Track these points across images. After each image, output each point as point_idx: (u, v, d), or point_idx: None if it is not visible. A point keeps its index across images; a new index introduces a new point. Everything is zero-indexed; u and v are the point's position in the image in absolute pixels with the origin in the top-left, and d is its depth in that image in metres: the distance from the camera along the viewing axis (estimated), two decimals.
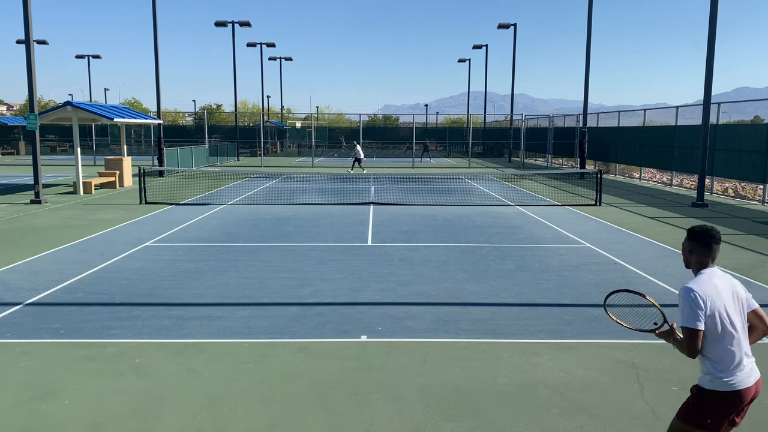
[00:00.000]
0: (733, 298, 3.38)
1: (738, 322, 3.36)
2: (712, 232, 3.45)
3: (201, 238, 12.14)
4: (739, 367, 3.34)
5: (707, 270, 3.46)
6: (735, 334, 3.33)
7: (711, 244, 3.45)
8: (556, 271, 9.57)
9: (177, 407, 4.95)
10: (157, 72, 27.88)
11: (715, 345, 3.34)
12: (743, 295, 3.44)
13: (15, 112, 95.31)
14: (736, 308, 3.37)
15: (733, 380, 3.34)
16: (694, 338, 3.33)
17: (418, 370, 5.70)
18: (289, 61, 62.29)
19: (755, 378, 3.38)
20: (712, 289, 3.37)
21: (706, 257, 3.47)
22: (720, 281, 3.41)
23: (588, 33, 27.12)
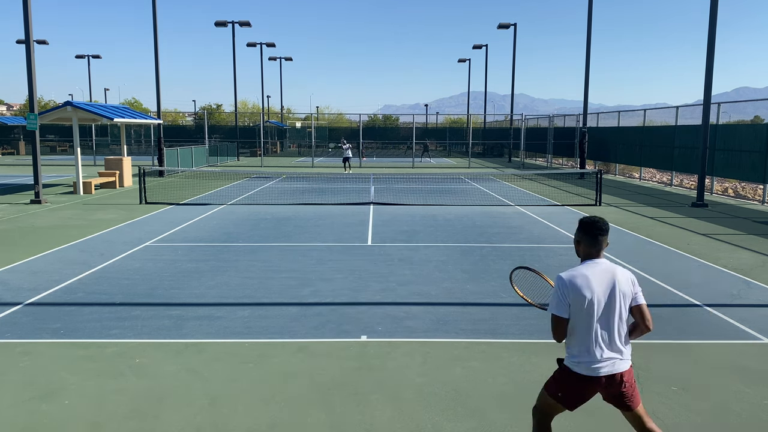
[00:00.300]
0: (611, 290, 3.46)
1: (609, 313, 3.46)
2: (598, 224, 3.55)
3: (201, 238, 12.14)
4: (600, 355, 3.46)
5: (590, 261, 3.57)
6: (602, 324, 3.45)
7: (597, 236, 3.55)
8: (556, 271, 9.55)
9: (177, 407, 4.95)
10: (157, 72, 27.88)
11: (579, 331, 3.47)
12: (627, 290, 3.51)
13: (15, 112, 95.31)
14: (612, 301, 3.45)
15: (590, 365, 3.47)
16: (558, 324, 3.50)
17: (418, 370, 5.70)
18: (289, 61, 62.31)
19: (616, 370, 3.49)
20: (584, 279, 3.48)
21: (591, 248, 3.58)
22: (599, 273, 3.50)
23: (588, 33, 27.12)
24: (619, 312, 3.49)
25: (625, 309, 3.52)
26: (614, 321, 3.48)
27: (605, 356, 3.48)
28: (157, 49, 27.71)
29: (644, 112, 27.94)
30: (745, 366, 5.84)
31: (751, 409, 4.99)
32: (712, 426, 4.69)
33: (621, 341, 3.52)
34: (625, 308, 3.52)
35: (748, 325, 7.02)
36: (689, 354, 6.14)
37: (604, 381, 3.51)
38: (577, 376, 3.53)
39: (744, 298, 8.12)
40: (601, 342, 3.47)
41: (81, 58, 57.66)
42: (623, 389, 3.55)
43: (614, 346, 3.50)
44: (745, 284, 8.86)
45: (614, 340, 3.49)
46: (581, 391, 3.58)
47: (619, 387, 3.54)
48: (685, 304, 7.84)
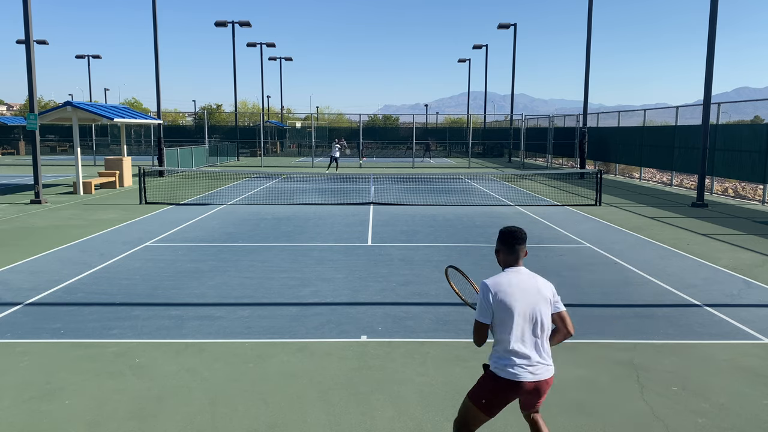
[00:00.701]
0: (534, 297, 3.57)
1: (532, 319, 3.54)
2: (516, 234, 3.68)
3: (201, 238, 12.14)
4: (523, 361, 3.52)
5: (511, 268, 3.68)
6: (524, 330, 3.53)
7: (514, 245, 3.67)
8: (556, 271, 9.57)
9: (177, 407, 4.95)
10: (157, 72, 27.88)
11: (503, 336, 3.54)
12: (548, 297, 3.63)
13: (15, 112, 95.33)
14: (535, 307, 3.55)
15: (512, 370, 3.52)
16: (479, 330, 3.59)
17: (418, 370, 5.70)
18: (289, 61, 62.34)
19: (539, 377, 3.54)
20: (507, 286, 3.56)
21: (510, 256, 3.69)
22: (521, 280, 3.61)
23: (588, 33, 27.12)
24: (541, 318, 3.58)
25: (547, 316, 3.61)
26: (538, 327, 3.56)
27: (531, 362, 3.53)
28: (157, 49, 27.71)
29: (644, 112, 27.94)
30: (745, 366, 5.84)
31: (751, 409, 4.99)
32: (712, 426, 4.69)
33: (544, 347, 3.59)
34: (547, 315, 3.61)
35: (748, 325, 7.03)
36: (689, 354, 6.14)
37: (529, 387, 3.55)
38: (503, 381, 3.55)
39: (744, 298, 8.13)
40: (525, 348, 3.53)
41: (81, 58, 57.69)
42: (543, 394, 3.63)
43: (539, 352, 3.56)
44: (745, 284, 8.86)
45: (538, 346, 3.56)
46: (505, 396, 3.60)
47: (539, 393, 3.61)
48: (685, 304, 7.84)
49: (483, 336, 3.61)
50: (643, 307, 7.76)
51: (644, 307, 7.74)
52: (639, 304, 7.85)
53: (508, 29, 42.36)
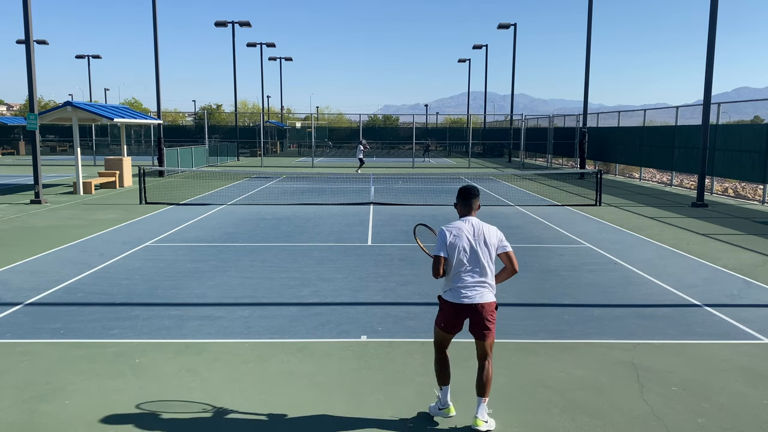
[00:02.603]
0: (479, 239, 4.45)
1: (475, 256, 4.43)
2: (470, 189, 4.66)
3: (201, 238, 12.14)
4: (464, 286, 4.43)
5: (465, 217, 4.59)
6: (463, 264, 4.42)
7: (468, 199, 4.63)
8: (556, 271, 9.57)
9: (177, 407, 4.95)
10: (157, 72, 27.88)
11: (451, 268, 4.46)
12: (494, 240, 4.49)
13: (15, 112, 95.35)
14: (479, 247, 4.43)
15: (458, 296, 4.44)
16: (436, 263, 4.50)
17: (418, 370, 5.69)
18: (289, 61, 62.31)
19: (477, 300, 4.43)
20: (458, 230, 4.47)
21: (465, 208, 4.63)
22: (470, 226, 4.50)
23: (588, 33, 27.12)
24: (484, 256, 4.44)
25: (490, 255, 4.47)
26: (480, 263, 4.43)
27: (470, 289, 4.42)
28: (157, 49, 27.71)
29: (644, 112, 27.94)
30: (745, 366, 5.84)
31: (751, 409, 4.99)
32: (712, 426, 4.69)
33: (486, 279, 4.45)
34: (491, 255, 4.47)
35: (748, 325, 7.03)
36: (689, 354, 6.14)
37: (468, 308, 4.42)
38: (449, 303, 4.49)
39: (744, 298, 8.13)
40: (466, 277, 4.43)
41: (81, 58, 57.68)
42: (483, 318, 4.45)
43: (478, 281, 4.44)
44: (745, 284, 8.86)
45: (478, 276, 4.44)
46: (453, 316, 4.50)
47: (481, 314, 4.44)
48: (685, 304, 7.84)
49: (439, 269, 4.47)
50: (643, 307, 7.76)
51: (644, 307, 7.74)
52: (639, 304, 7.85)
53: (508, 29, 42.36)
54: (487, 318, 4.46)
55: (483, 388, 4.54)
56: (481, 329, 4.49)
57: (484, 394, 4.54)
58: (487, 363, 4.57)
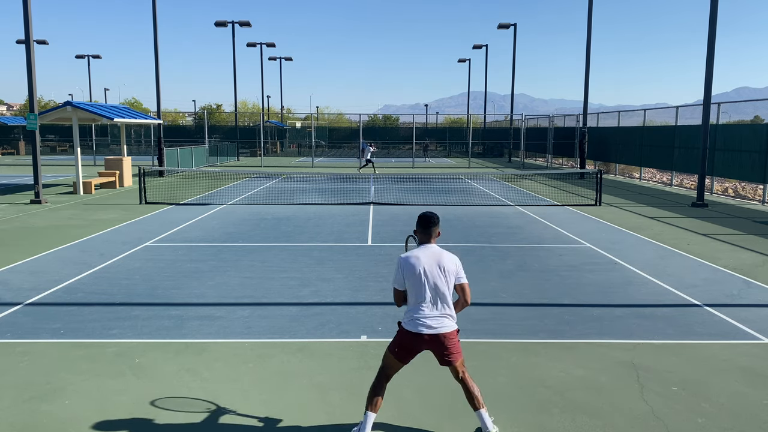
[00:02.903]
0: (437, 268, 4.34)
1: (434, 286, 4.32)
2: (429, 217, 4.52)
3: (201, 238, 12.14)
4: (424, 317, 4.32)
5: (423, 245, 4.48)
6: (422, 294, 4.32)
7: (429, 226, 4.50)
8: (556, 271, 9.57)
9: (177, 407, 4.95)
10: (157, 72, 27.88)
11: (410, 298, 4.40)
12: (451, 269, 4.39)
13: (15, 112, 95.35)
14: (437, 276, 4.33)
15: (415, 324, 4.34)
16: (395, 294, 4.49)
17: (418, 370, 5.69)
18: (289, 61, 62.33)
19: (435, 330, 4.32)
20: (415, 260, 4.37)
21: (424, 236, 4.52)
22: (429, 254, 4.40)
23: (588, 33, 27.13)
24: (442, 285, 4.34)
25: (448, 284, 4.36)
26: (438, 292, 4.33)
27: (429, 319, 4.32)
28: (157, 49, 27.71)
29: (644, 112, 27.93)
30: (745, 366, 5.84)
31: (751, 409, 4.99)
32: (712, 426, 4.69)
33: (445, 308, 4.35)
34: (449, 284, 4.37)
35: (748, 325, 7.03)
36: (689, 354, 6.14)
37: (426, 338, 4.33)
38: (407, 332, 4.38)
39: (744, 298, 8.13)
40: (426, 307, 4.33)
41: (81, 58, 57.70)
42: (445, 347, 4.36)
43: (437, 311, 4.33)
44: (745, 284, 8.86)
45: (437, 307, 4.34)
46: (410, 345, 4.40)
47: (442, 345, 4.36)
48: (685, 304, 7.84)
49: (399, 299, 4.48)
50: (643, 307, 7.76)
51: (644, 307, 7.74)
52: (639, 304, 7.85)
53: (508, 29, 42.37)
54: (449, 346, 4.37)
55: (475, 402, 4.48)
56: (446, 358, 4.41)
57: (479, 406, 4.48)
58: (467, 379, 4.50)
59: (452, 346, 4.38)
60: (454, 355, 4.41)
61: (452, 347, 4.39)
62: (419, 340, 4.34)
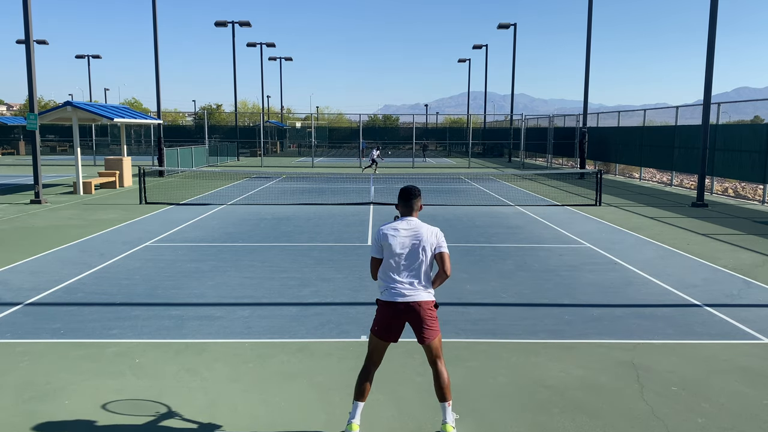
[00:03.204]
0: (415, 240, 4.34)
1: (411, 256, 4.34)
2: (410, 189, 4.53)
3: (201, 238, 12.14)
4: (398, 286, 4.33)
5: (404, 218, 4.48)
6: (398, 264, 4.35)
7: (410, 199, 4.50)
8: (556, 271, 9.57)
9: (177, 407, 4.95)
10: (157, 72, 27.89)
11: (384, 269, 4.42)
12: (431, 241, 4.37)
13: (15, 112, 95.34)
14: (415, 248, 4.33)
15: (392, 294, 4.34)
16: (372, 264, 4.51)
17: (417, 370, 5.69)
18: (289, 61, 62.33)
19: (410, 298, 4.32)
20: (394, 230, 4.39)
21: (404, 208, 4.51)
22: (406, 227, 4.40)
23: (588, 33, 27.13)
24: (418, 258, 4.34)
25: (426, 255, 4.35)
26: (416, 263, 4.34)
27: (404, 288, 4.33)
28: (157, 49, 27.72)
29: (644, 112, 27.94)
30: (745, 366, 5.84)
31: (751, 409, 4.99)
32: (712, 426, 4.69)
33: (421, 279, 4.36)
34: (427, 255, 4.36)
35: (748, 325, 7.03)
36: (689, 354, 6.14)
37: (402, 307, 4.32)
38: (383, 303, 4.39)
39: (744, 298, 8.13)
40: (401, 277, 4.35)
41: (81, 58, 57.71)
42: (422, 318, 4.33)
43: (413, 281, 4.34)
44: (745, 284, 8.86)
45: (413, 276, 4.35)
46: (387, 318, 4.37)
47: (418, 315, 4.33)
48: (685, 304, 7.84)
49: (374, 269, 4.48)
50: (643, 307, 7.76)
51: (644, 307, 7.74)
52: (639, 304, 7.85)
53: (508, 29, 42.39)
54: (425, 318, 4.34)
55: (442, 392, 4.42)
56: (422, 331, 4.36)
57: (445, 398, 4.42)
58: (440, 366, 4.45)
59: (428, 318, 4.35)
60: (430, 331, 4.37)
61: (428, 319, 4.35)
62: (395, 310, 4.33)
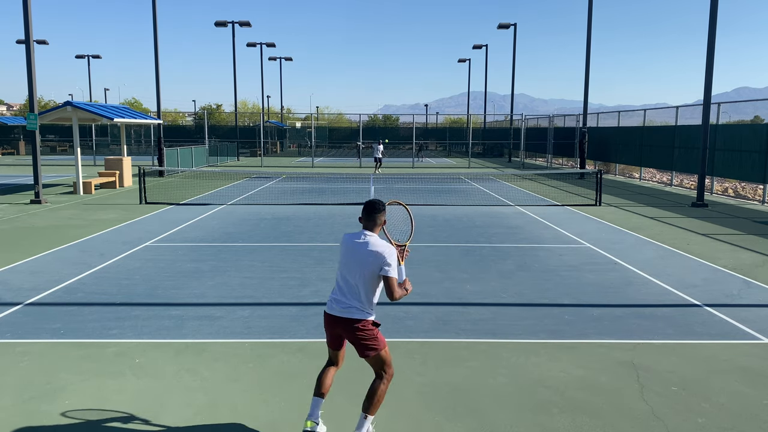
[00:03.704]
0: (364, 256, 4.21)
1: (355, 272, 4.24)
2: (372, 204, 4.41)
3: (201, 238, 12.14)
4: (333, 299, 4.32)
5: (363, 231, 4.35)
6: (343, 276, 4.31)
7: (371, 214, 4.37)
8: (556, 271, 9.57)
9: (177, 407, 4.95)
10: (157, 72, 27.89)
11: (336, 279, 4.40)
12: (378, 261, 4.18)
13: (15, 112, 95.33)
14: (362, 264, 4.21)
15: (329, 306, 4.34)
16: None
17: (417, 370, 5.70)
18: (289, 61, 62.33)
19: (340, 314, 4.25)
20: (350, 242, 4.32)
21: (365, 221, 4.38)
22: (357, 242, 4.30)
23: (588, 33, 27.13)
24: (356, 275, 4.23)
25: (368, 273, 4.21)
26: (356, 279, 4.23)
27: (342, 302, 4.26)
28: (157, 49, 27.72)
29: (644, 112, 27.94)
30: (745, 366, 5.84)
31: (751, 409, 4.99)
32: (712, 426, 4.69)
33: (359, 297, 4.24)
34: (364, 275, 4.22)
35: (748, 325, 7.03)
36: (689, 354, 6.14)
37: (334, 320, 4.30)
38: (324, 313, 4.40)
39: (744, 298, 8.13)
40: (341, 291, 4.29)
41: (81, 58, 57.72)
42: (356, 337, 4.26)
43: (352, 298, 4.25)
44: (745, 284, 8.86)
45: (353, 293, 4.25)
46: (326, 326, 4.39)
47: (354, 333, 4.25)
48: (685, 304, 7.84)
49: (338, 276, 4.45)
50: (643, 307, 7.76)
51: (644, 307, 7.74)
52: (639, 304, 7.85)
53: (508, 29, 42.38)
54: (359, 336, 4.23)
55: (368, 402, 4.30)
56: (358, 348, 4.29)
57: (367, 409, 4.30)
58: (378, 380, 4.34)
59: (363, 337, 4.23)
60: (365, 350, 4.27)
61: (363, 338, 4.24)
62: (330, 321, 4.33)
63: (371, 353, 4.29)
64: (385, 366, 4.35)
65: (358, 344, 4.28)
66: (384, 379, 4.35)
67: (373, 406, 4.29)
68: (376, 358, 4.31)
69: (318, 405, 4.39)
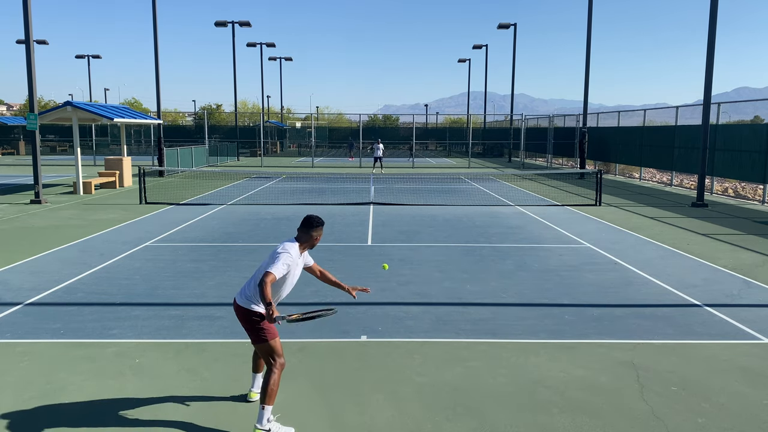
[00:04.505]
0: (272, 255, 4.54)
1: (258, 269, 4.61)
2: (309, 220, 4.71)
3: (201, 238, 12.14)
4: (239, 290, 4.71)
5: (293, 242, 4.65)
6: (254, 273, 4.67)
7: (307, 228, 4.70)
8: (556, 271, 9.57)
9: (177, 407, 4.95)
10: (157, 72, 27.88)
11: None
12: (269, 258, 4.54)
13: (15, 112, 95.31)
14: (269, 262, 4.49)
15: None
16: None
17: (417, 370, 5.70)
18: (289, 61, 62.32)
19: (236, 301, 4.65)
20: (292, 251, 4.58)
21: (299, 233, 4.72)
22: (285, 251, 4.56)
23: (588, 33, 27.13)
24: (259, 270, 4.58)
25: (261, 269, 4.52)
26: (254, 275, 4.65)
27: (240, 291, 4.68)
28: (157, 49, 27.71)
29: (644, 112, 27.93)
30: (745, 366, 5.84)
31: (751, 409, 4.99)
32: (712, 426, 4.69)
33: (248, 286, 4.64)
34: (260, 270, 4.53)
35: (748, 325, 7.03)
36: (689, 354, 6.14)
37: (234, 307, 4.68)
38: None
39: (744, 298, 8.13)
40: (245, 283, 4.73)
41: (81, 58, 57.70)
42: (242, 319, 4.61)
43: (244, 289, 4.66)
44: (745, 284, 8.86)
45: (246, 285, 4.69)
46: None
47: (241, 319, 4.62)
48: (685, 304, 7.84)
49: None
50: (643, 307, 7.76)
51: (644, 307, 7.74)
52: (639, 304, 7.85)
53: (508, 29, 42.37)
54: (245, 325, 4.60)
55: (263, 393, 4.48)
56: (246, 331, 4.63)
57: (263, 400, 4.45)
58: (267, 370, 4.54)
59: (248, 325, 4.57)
60: (252, 335, 4.58)
61: (248, 326, 4.57)
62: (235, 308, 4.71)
63: (255, 339, 4.60)
64: (273, 356, 4.56)
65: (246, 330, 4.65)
66: (272, 367, 4.53)
67: (268, 397, 4.47)
68: (263, 348, 4.58)
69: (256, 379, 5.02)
